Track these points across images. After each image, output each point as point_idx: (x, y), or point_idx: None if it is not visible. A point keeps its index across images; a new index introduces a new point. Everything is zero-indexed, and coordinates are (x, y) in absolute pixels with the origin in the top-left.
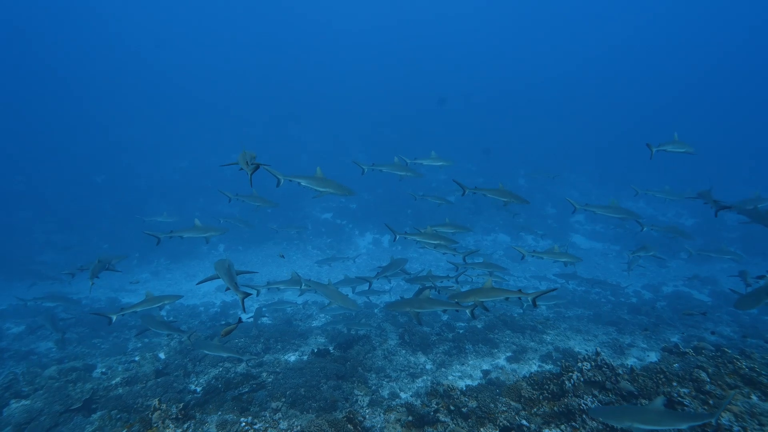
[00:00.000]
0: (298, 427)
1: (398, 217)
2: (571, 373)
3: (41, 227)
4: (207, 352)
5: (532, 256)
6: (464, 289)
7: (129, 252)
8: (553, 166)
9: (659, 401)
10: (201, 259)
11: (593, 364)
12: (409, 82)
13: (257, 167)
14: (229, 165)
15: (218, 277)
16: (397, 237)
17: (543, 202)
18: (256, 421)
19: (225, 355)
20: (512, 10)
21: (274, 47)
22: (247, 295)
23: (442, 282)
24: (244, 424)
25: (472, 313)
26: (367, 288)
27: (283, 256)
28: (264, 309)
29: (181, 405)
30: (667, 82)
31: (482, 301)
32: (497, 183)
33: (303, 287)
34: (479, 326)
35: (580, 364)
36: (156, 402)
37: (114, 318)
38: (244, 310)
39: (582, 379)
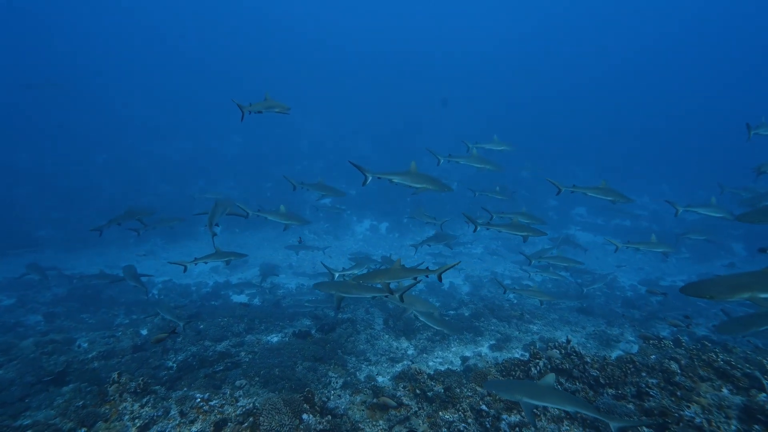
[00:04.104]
0: (251, 405)
1: (398, 205)
2: (538, 360)
3: (40, 203)
4: (159, 311)
5: (627, 247)
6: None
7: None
8: (552, 159)
9: (550, 378)
10: (197, 240)
11: (562, 352)
12: (410, 76)
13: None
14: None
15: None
16: (477, 227)
17: (545, 194)
18: (213, 397)
19: (168, 316)
20: (514, 8)
21: (279, 36)
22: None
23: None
24: (199, 399)
25: (401, 297)
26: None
27: (301, 241)
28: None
29: (141, 379)
30: (668, 75)
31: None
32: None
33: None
34: (466, 314)
35: (549, 352)
36: (115, 375)
37: (187, 266)
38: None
39: (549, 366)
